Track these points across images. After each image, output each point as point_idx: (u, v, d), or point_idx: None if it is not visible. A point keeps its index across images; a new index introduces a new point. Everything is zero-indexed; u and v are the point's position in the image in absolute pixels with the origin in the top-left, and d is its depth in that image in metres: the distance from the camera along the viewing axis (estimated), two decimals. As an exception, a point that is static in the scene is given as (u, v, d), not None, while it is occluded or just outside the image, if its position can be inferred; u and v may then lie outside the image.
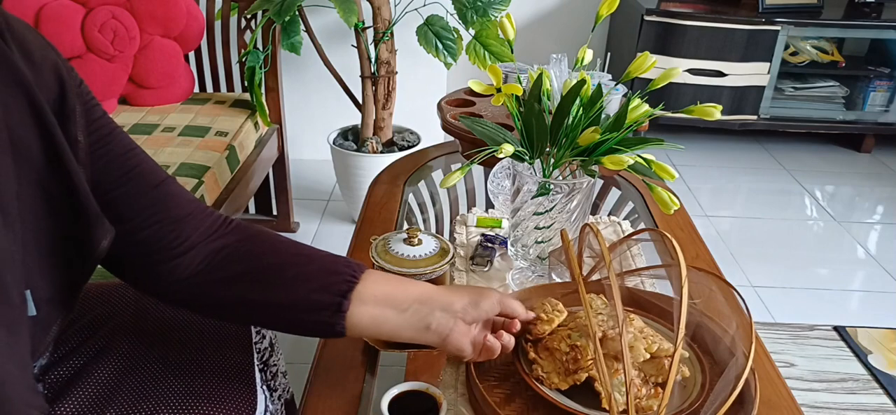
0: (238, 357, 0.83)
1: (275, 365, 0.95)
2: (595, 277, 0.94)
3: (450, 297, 0.76)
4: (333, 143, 2.29)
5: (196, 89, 2.11)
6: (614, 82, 1.09)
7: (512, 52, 1.25)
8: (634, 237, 0.95)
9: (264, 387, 0.91)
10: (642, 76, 0.96)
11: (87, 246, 0.65)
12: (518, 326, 0.81)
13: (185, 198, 0.75)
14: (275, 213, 2.30)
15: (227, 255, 0.74)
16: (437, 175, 1.53)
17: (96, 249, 0.66)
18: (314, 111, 2.73)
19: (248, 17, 2.01)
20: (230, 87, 2.11)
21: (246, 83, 1.97)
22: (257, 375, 0.85)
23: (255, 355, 0.88)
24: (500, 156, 0.91)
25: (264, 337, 0.92)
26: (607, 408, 0.72)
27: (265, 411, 0.82)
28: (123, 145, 0.70)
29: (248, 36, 2.01)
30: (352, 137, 2.37)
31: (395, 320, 0.75)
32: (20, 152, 0.58)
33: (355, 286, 0.73)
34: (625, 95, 1.29)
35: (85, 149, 0.65)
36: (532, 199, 0.98)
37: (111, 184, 0.68)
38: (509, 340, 0.79)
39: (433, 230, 1.46)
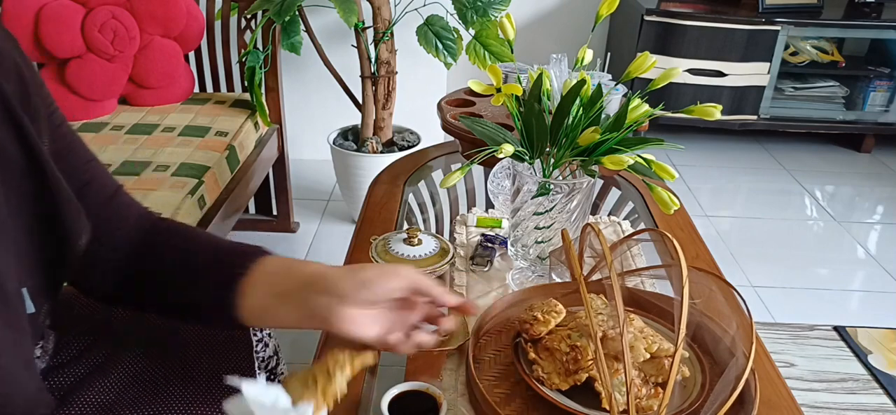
0: (238, 363, 0.83)
1: (282, 373, 0.95)
2: (595, 277, 0.94)
3: (336, 279, 0.68)
4: (333, 143, 2.29)
5: (196, 89, 2.11)
6: (614, 82, 1.09)
7: (512, 52, 1.25)
8: (634, 237, 0.95)
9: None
10: (642, 76, 0.96)
11: (66, 244, 0.65)
12: (449, 323, 0.74)
13: (134, 210, 0.76)
14: (275, 213, 2.30)
15: (140, 263, 0.74)
16: (437, 175, 1.53)
17: (76, 246, 0.66)
18: (314, 111, 2.73)
19: (248, 17, 2.01)
20: (230, 88, 2.11)
21: (246, 83, 1.97)
22: (258, 374, 0.84)
23: (258, 362, 0.87)
24: (500, 156, 0.91)
25: (267, 346, 0.92)
26: (608, 408, 0.72)
27: None
28: (83, 156, 0.70)
29: (248, 36, 2.01)
30: (352, 137, 2.37)
31: (279, 310, 0.69)
32: (0, 152, 0.59)
33: (242, 278, 0.69)
34: (625, 95, 1.29)
35: (51, 153, 0.64)
36: (532, 199, 0.98)
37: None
38: (425, 339, 0.72)
39: (433, 230, 1.46)
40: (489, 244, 1.18)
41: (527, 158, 0.96)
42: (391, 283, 0.68)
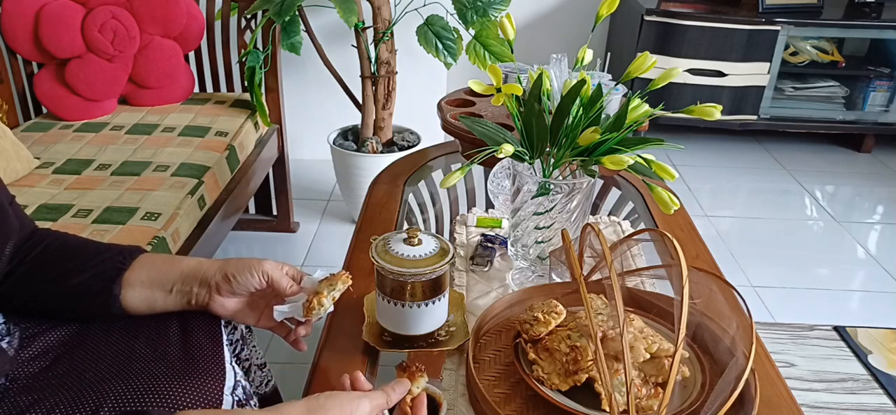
0: (205, 338, 0.83)
1: (248, 359, 0.93)
2: (595, 277, 0.94)
3: (208, 271, 0.81)
4: (333, 143, 2.29)
5: (196, 89, 2.11)
6: (614, 82, 1.09)
7: (512, 52, 1.25)
8: (635, 237, 0.95)
9: (234, 363, 0.89)
10: (642, 76, 0.96)
11: None
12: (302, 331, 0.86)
13: (22, 219, 0.81)
14: (275, 213, 2.30)
15: (26, 256, 0.81)
16: (437, 175, 1.53)
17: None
18: (314, 111, 2.73)
19: (248, 17, 2.01)
20: (230, 88, 2.11)
21: (246, 83, 1.97)
22: (227, 351, 0.83)
23: (226, 338, 0.87)
24: (500, 156, 0.91)
25: (235, 329, 0.91)
26: (608, 408, 0.72)
27: (234, 385, 0.81)
28: None
29: (248, 36, 2.01)
30: (352, 137, 2.37)
31: (163, 300, 0.81)
32: None
33: (125, 269, 0.80)
34: (625, 95, 1.29)
35: None
36: (532, 199, 0.98)
37: None
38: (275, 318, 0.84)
39: (433, 230, 1.46)
40: (489, 244, 1.18)
41: (527, 158, 0.96)
42: (253, 280, 0.81)
